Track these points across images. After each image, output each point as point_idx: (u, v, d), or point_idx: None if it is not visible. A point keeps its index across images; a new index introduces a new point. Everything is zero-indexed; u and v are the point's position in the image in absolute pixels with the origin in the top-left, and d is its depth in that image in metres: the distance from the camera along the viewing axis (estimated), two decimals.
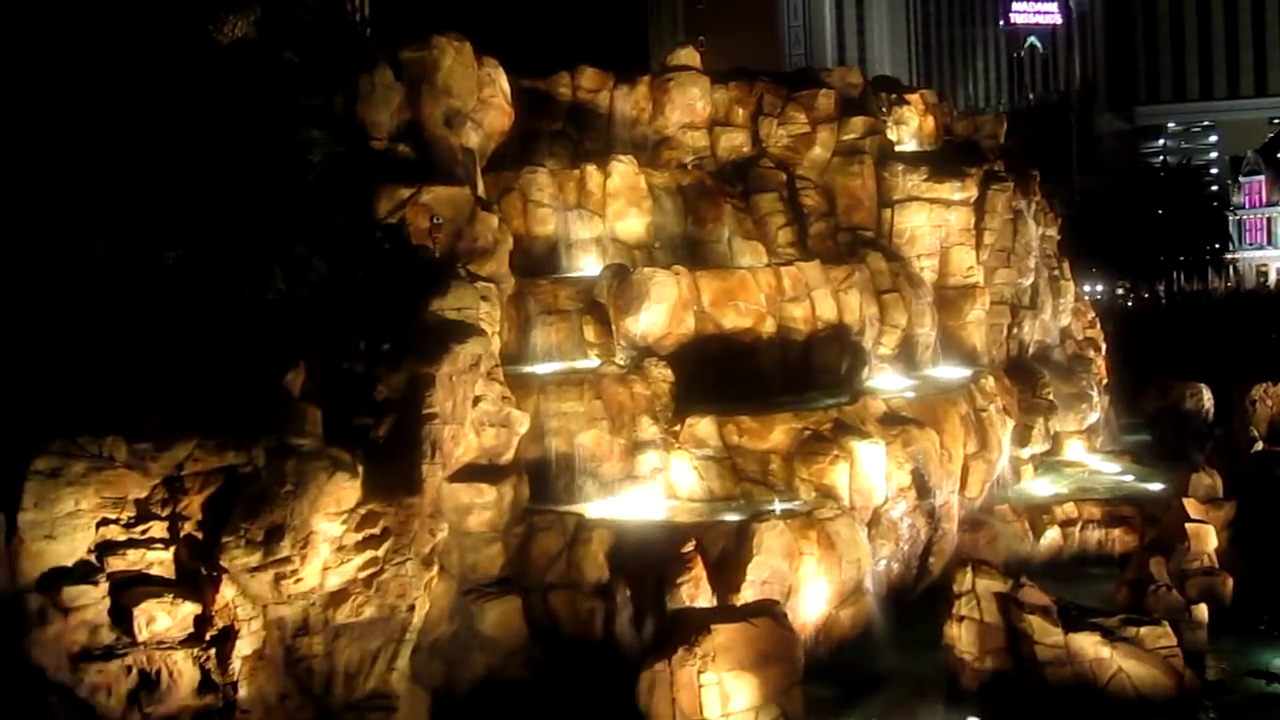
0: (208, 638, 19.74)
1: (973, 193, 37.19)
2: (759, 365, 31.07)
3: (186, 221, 22.40)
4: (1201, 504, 29.06)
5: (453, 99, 29.54)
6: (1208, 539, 27.75)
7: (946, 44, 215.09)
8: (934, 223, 36.71)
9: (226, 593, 19.67)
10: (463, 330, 24.11)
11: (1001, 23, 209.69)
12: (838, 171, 36.85)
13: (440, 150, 28.98)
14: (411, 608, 21.35)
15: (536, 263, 32.22)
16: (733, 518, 26.01)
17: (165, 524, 20.10)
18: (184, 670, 19.53)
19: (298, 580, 20.09)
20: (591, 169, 33.72)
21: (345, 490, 20.59)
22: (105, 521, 19.76)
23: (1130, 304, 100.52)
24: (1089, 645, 23.65)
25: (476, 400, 24.41)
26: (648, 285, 29.92)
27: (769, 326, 31.24)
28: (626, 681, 21.68)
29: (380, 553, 20.95)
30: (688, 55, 38.85)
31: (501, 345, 27.58)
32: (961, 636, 24.40)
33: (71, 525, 19.47)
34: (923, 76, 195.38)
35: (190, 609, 19.68)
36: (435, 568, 21.96)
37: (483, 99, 30.72)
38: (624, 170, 33.85)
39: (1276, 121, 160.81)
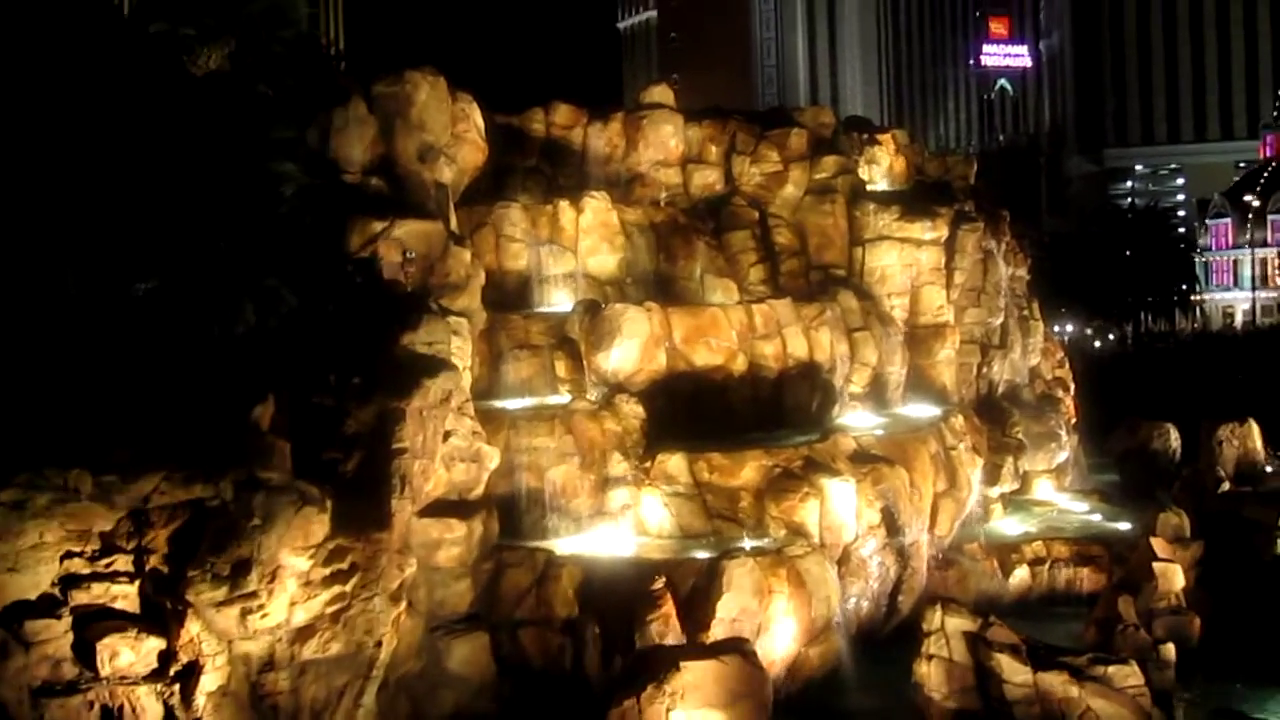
0: (172, 673, 19.52)
1: (943, 232, 37.44)
2: (730, 402, 31.11)
3: (157, 253, 22.32)
4: (1169, 543, 29.15)
5: (426, 134, 29.59)
6: (1175, 578, 27.83)
7: (918, 85, 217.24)
8: (905, 262, 36.90)
9: (191, 628, 19.47)
10: (434, 365, 24.07)
11: (972, 65, 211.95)
12: (810, 210, 37.03)
13: (413, 185, 29.00)
14: (379, 644, 21.21)
15: (508, 298, 32.19)
16: (703, 555, 25.97)
17: (130, 557, 19.90)
18: (147, 706, 19.29)
19: (264, 615, 19.93)
20: (564, 205, 33.77)
21: (313, 525, 20.46)
22: (69, 554, 19.54)
23: (1099, 344, 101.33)
24: (1057, 684, 23.64)
25: (446, 435, 24.32)
26: (619, 321, 29.94)
27: (740, 364, 31.30)
28: (595, 718, 21.56)
29: (348, 588, 20.81)
30: (661, 93, 39.05)
31: (472, 380, 27.53)
32: (930, 675, 24.36)
33: (35, 558, 19.25)
34: (894, 117, 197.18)
35: (154, 644, 19.46)
36: (403, 603, 21.83)
37: (456, 134, 30.77)
38: (597, 206, 33.92)
39: (1242, 165, 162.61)
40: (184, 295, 22.14)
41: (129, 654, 19.32)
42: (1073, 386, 45.48)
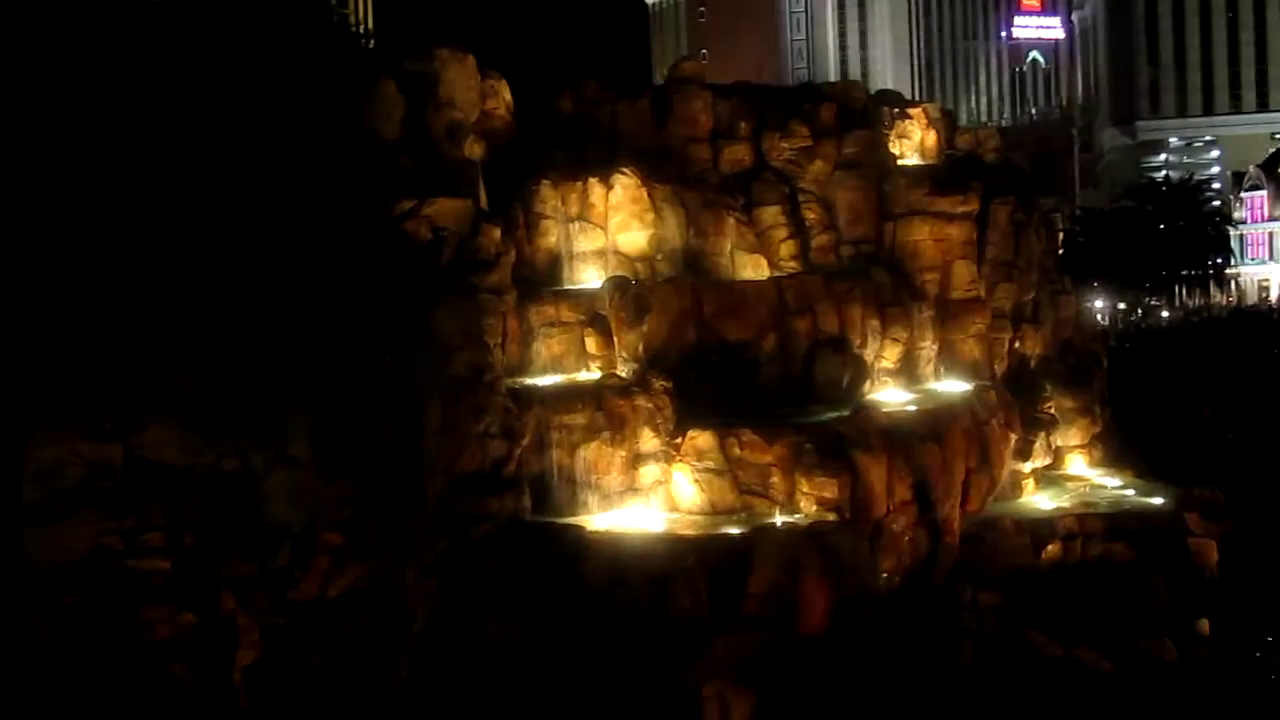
0: (207, 646, 19.73)
1: (975, 206, 37.15)
2: (760, 378, 31.06)
3: (189, 232, 22.43)
4: (1202, 519, 29.03)
5: (455, 111, 29.57)
6: (1209, 554, 27.74)
7: (949, 58, 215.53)
8: (936, 236, 36.63)
9: (226, 602, 19.67)
10: (465, 342, 24.14)
11: (1004, 37, 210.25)
12: (840, 185, 36.80)
13: (443, 162, 28.99)
14: (411, 618, 21.36)
15: (539, 275, 32.20)
16: (734, 531, 26.01)
17: (166, 533, 20.08)
18: (183, 680, 19.51)
19: (298, 590, 20.10)
20: (594, 182, 33.67)
21: (345, 500, 20.60)
22: (106, 529, 19.75)
23: (1132, 318, 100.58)
24: (1089, 659, 23.68)
25: (478, 412, 24.41)
26: (650, 298, 29.93)
27: (771, 340, 31.24)
28: (628, 694, 21.69)
29: (380, 563, 20.96)
30: (691, 68, 38.85)
31: (504, 357, 27.58)
32: (962, 649, 24.42)
33: (71, 530, 19.46)
34: (925, 91, 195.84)
35: (190, 619, 19.67)
36: (435, 579, 21.96)
37: (486, 111, 30.75)
38: (626, 183, 33.82)
39: (1278, 137, 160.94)
40: (216, 273, 22.24)
41: (165, 628, 19.54)
42: (1105, 361, 45.17)
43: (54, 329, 21.27)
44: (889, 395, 33.33)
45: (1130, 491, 36.37)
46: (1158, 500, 34.22)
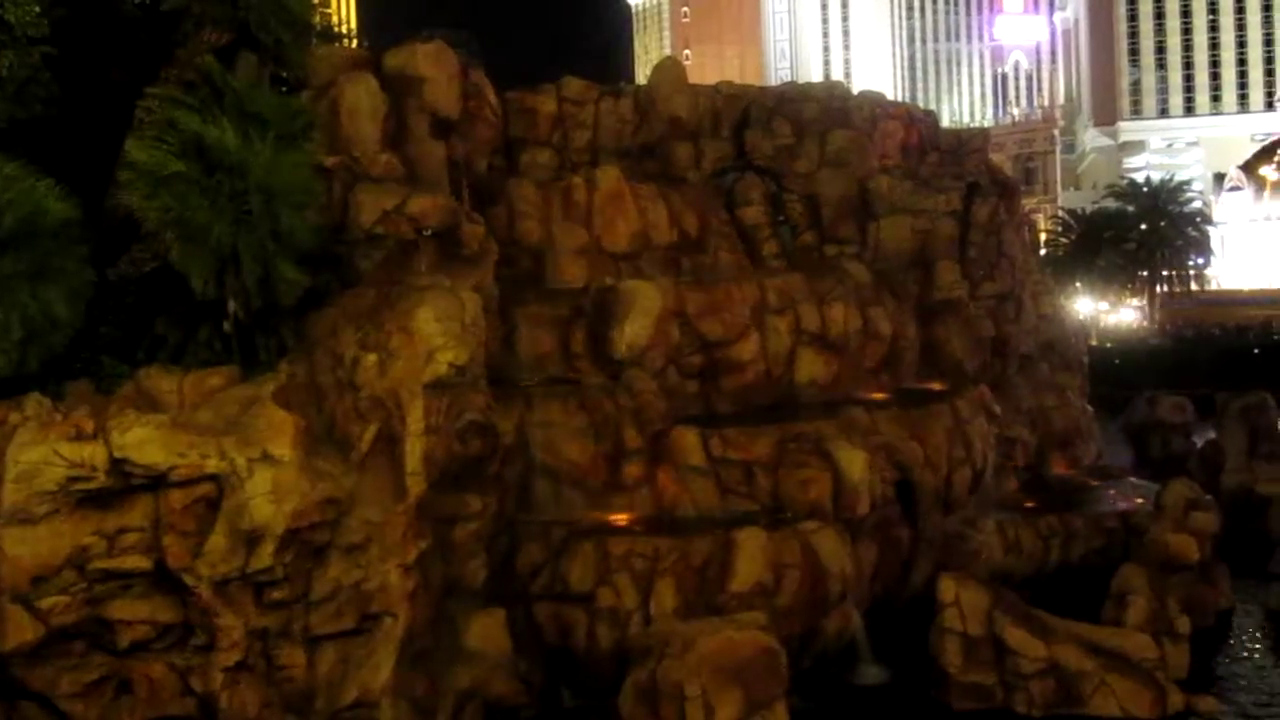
0: (188, 647, 19.66)
1: (957, 205, 37.30)
2: (743, 377, 31.08)
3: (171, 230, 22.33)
4: (1184, 517, 29.11)
5: (438, 110, 29.50)
6: (1190, 552, 27.81)
7: (932, 59, 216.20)
8: (918, 235, 36.75)
9: (207, 602, 19.58)
10: (447, 341, 24.05)
11: (987, 39, 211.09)
12: (823, 183, 36.86)
13: (426, 161, 28.92)
14: (394, 619, 21.31)
15: (522, 274, 32.11)
16: (717, 529, 25.99)
17: (147, 532, 20.00)
18: (164, 680, 19.45)
19: (279, 590, 20.03)
20: (577, 180, 33.61)
21: (327, 500, 20.54)
22: (87, 530, 19.65)
23: (1115, 318, 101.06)
24: (1072, 658, 23.72)
25: (460, 411, 24.33)
26: (633, 297, 29.88)
27: (753, 338, 31.25)
28: (611, 693, 21.68)
29: (363, 563, 20.91)
30: (674, 67, 38.87)
31: (486, 356, 27.48)
32: (945, 649, 24.46)
33: (52, 531, 19.37)
34: (908, 91, 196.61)
35: (171, 618, 19.59)
36: (418, 578, 21.91)
37: (468, 110, 30.66)
38: (609, 182, 33.78)
39: (1258, 138, 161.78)
40: (199, 271, 22.13)
41: (145, 628, 19.46)
42: (1087, 360, 45.36)
43: (38, 327, 21.19)
44: (871, 393, 33.36)
45: (1112, 489, 36.56)
46: (1139, 498, 34.39)
